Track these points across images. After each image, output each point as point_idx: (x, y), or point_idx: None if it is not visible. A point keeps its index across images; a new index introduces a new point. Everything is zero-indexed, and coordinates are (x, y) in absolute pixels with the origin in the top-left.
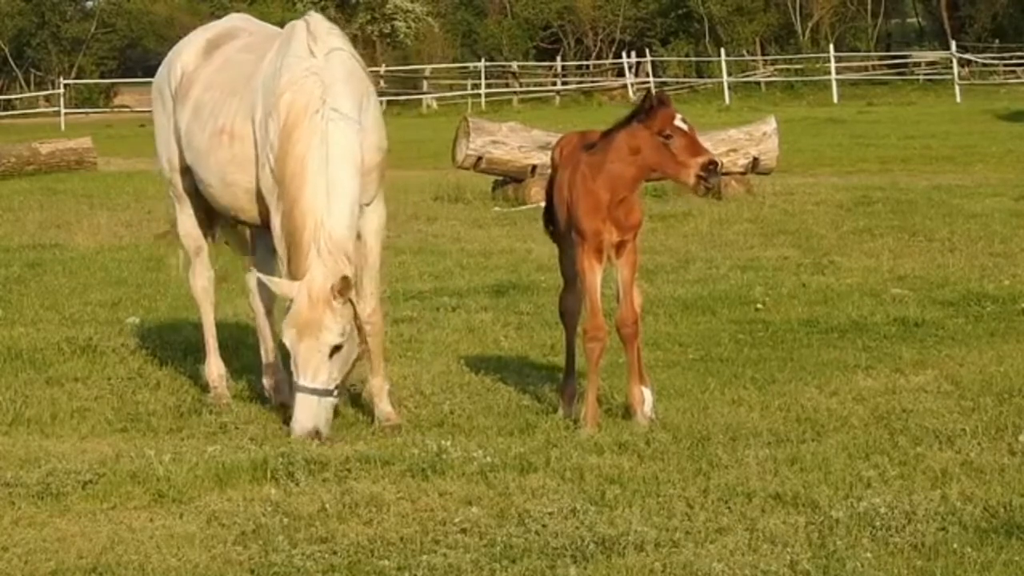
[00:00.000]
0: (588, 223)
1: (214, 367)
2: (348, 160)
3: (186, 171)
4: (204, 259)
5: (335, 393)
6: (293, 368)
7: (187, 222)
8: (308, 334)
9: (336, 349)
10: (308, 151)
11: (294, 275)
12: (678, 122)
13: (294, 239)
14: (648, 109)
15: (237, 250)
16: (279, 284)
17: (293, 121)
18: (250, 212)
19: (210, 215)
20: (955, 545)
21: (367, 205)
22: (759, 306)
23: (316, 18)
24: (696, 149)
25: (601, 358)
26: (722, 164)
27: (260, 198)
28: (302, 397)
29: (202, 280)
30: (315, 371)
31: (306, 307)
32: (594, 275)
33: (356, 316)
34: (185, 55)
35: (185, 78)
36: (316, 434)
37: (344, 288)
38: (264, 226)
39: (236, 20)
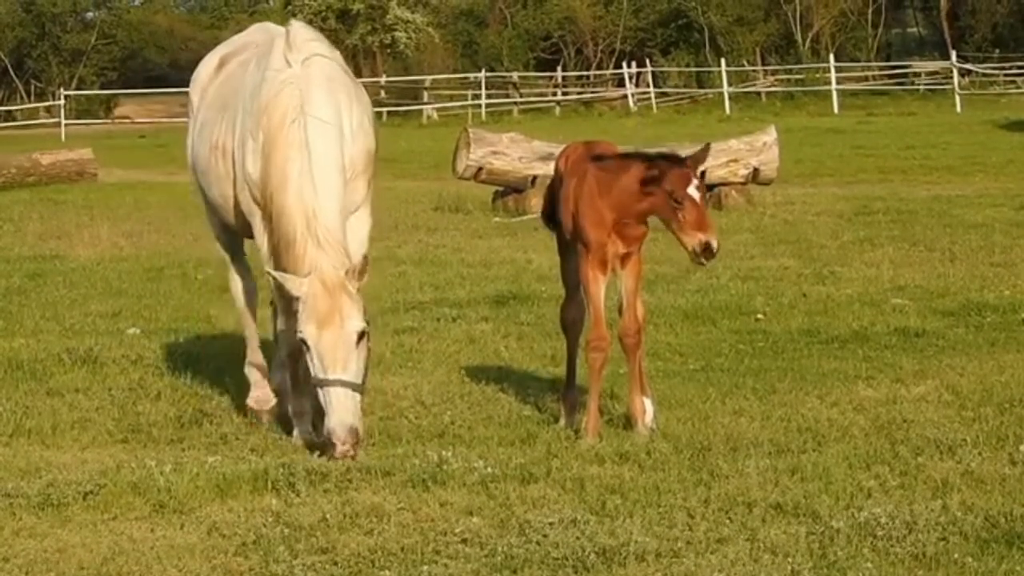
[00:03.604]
0: (593, 235)
1: (256, 365)
2: (331, 164)
3: (202, 186)
4: (240, 262)
5: (362, 391)
6: (316, 365)
7: (218, 231)
8: (330, 323)
9: (361, 336)
10: (288, 161)
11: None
12: (692, 189)
13: (287, 241)
14: (661, 170)
15: None
16: (289, 280)
17: (272, 138)
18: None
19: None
20: (956, 555)
21: (352, 213)
22: (760, 316)
23: (296, 27)
24: (701, 224)
25: (604, 368)
26: (718, 248)
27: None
28: (336, 392)
29: (240, 280)
30: (345, 361)
31: (323, 298)
32: (598, 285)
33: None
34: (202, 73)
35: (200, 96)
36: (355, 433)
37: (364, 269)
38: None
39: (254, 33)
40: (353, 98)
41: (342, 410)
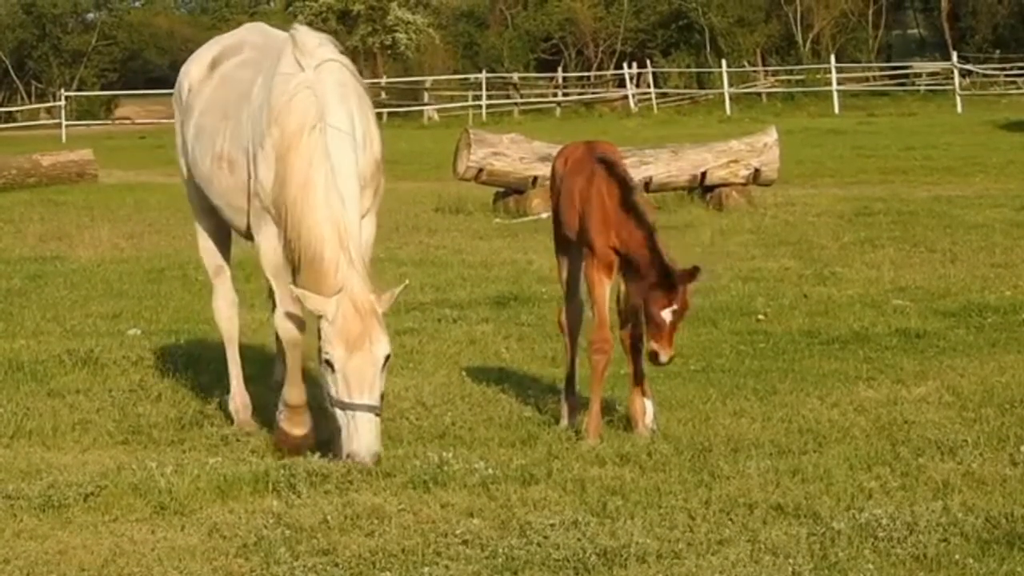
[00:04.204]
0: (599, 240)
1: (238, 399)
2: (351, 175)
3: (198, 187)
4: (225, 280)
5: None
6: (341, 388)
7: (205, 239)
8: (360, 348)
9: (387, 360)
10: (311, 169)
11: (320, 292)
12: (666, 313)
13: (313, 256)
14: (648, 284)
15: None
16: (315, 299)
17: (288, 144)
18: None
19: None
20: (957, 556)
21: (361, 218)
22: (760, 317)
23: (303, 31)
24: (660, 340)
25: (606, 370)
26: (669, 361)
27: None
28: (363, 417)
29: (224, 305)
30: (371, 386)
31: (354, 320)
32: (603, 287)
33: None
34: (193, 70)
35: (191, 94)
36: (377, 457)
37: (392, 296)
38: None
39: (247, 32)
40: (365, 105)
41: (368, 436)
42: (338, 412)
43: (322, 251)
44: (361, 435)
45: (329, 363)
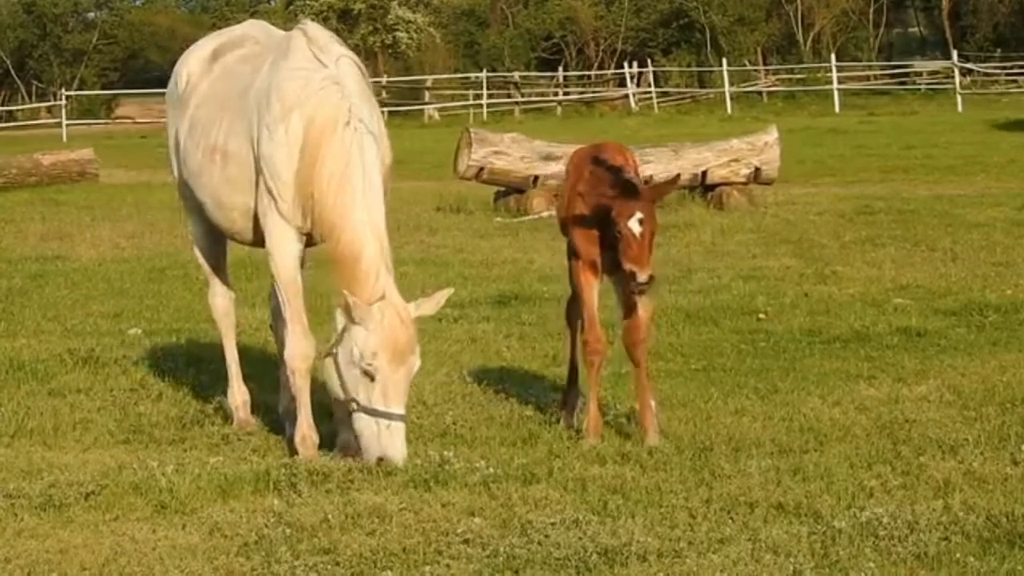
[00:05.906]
0: (581, 241)
1: (238, 395)
2: (378, 176)
3: (188, 184)
4: (221, 276)
5: None
6: (376, 396)
7: (198, 236)
8: (404, 358)
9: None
10: (348, 167)
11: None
12: (632, 223)
13: (347, 256)
14: (610, 198)
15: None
16: (360, 306)
17: (318, 136)
18: (249, 235)
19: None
20: (958, 555)
21: None
22: (761, 316)
23: (313, 26)
24: (636, 258)
25: (601, 369)
26: (649, 282)
27: (259, 221)
28: (397, 426)
29: (221, 301)
30: (405, 396)
31: (401, 330)
32: (591, 289)
33: None
34: (191, 62)
35: (188, 87)
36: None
37: (439, 301)
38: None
39: (250, 27)
40: (375, 105)
41: (401, 443)
42: (365, 418)
43: (360, 254)
44: (396, 442)
45: (369, 373)
